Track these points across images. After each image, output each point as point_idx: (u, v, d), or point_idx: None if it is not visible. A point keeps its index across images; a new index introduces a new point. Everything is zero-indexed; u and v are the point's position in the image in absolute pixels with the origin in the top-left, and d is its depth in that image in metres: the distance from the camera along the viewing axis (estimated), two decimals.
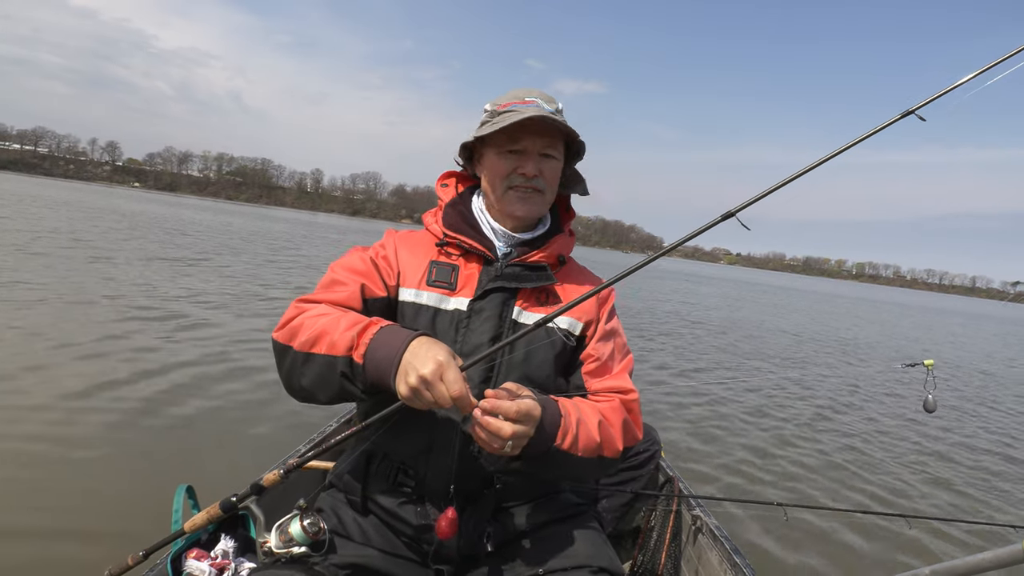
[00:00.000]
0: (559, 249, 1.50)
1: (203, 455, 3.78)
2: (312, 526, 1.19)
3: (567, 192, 1.59)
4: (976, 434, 6.86)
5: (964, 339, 22.46)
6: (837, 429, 6.20)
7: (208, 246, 18.21)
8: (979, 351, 18.13)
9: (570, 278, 1.51)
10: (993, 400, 9.57)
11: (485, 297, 1.40)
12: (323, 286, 1.40)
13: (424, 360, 1.07)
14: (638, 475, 2.60)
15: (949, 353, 16.09)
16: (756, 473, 4.65)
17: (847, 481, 4.73)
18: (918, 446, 5.95)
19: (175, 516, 1.46)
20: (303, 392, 1.29)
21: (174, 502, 1.49)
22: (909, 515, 2.13)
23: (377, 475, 1.41)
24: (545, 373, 1.39)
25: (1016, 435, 7.09)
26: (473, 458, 1.35)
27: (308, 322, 1.27)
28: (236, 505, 1.26)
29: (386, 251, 1.48)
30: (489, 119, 1.43)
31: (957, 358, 15.11)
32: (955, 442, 6.31)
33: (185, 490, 1.53)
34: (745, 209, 1.17)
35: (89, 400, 4.36)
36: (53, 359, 5.14)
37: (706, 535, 2.18)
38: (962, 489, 4.85)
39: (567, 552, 1.36)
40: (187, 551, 1.47)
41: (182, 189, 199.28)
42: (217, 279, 11.39)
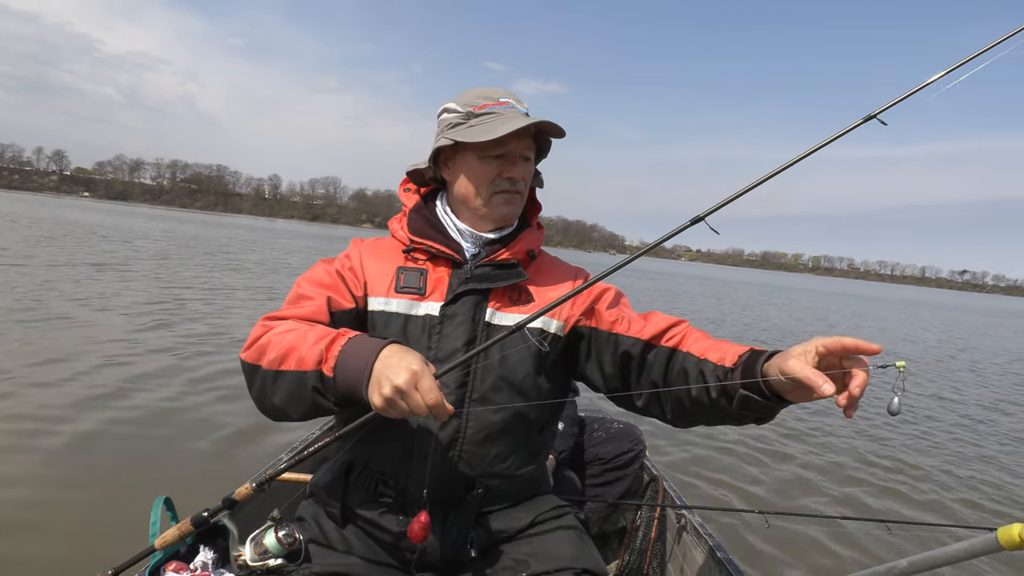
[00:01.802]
0: (528, 244, 1.48)
1: (181, 466, 3.77)
2: (287, 537, 1.18)
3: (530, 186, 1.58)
4: (942, 433, 7.00)
5: (944, 332, 22.80)
6: (814, 430, 6.26)
7: (129, 252, 17.69)
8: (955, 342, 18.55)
9: (542, 272, 1.50)
10: (956, 390, 9.78)
11: (457, 301, 1.39)
12: (289, 302, 1.38)
13: (397, 370, 1.06)
14: (623, 475, 2.64)
15: (924, 347, 16.33)
16: (733, 479, 4.67)
17: (821, 485, 4.77)
18: (888, 446, 5.98)
19: (152, 529, 1.41)
20: (276, 411, 1.27)
21: (151, 514, 1.43)
22: (890, 520, 2.18)
23: (357, 485, 1.40)
24: (523, 374, 1.38)
25: (985, 432, 7.21)
26: (453, 464, 1.35)
27: (275, 339, 1.24)
28: (208, 520, 1.24)
29: (351, 262, 1.45)
30: (463, 121, 1.40)
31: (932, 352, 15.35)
32: (926, 444, 6.36)
33: (163, 502, 1.47)
34: (713, 213, 1.19)
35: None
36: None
37: (690, 533, 2.20)
38: (936, 491, 4.89)
39: (551, 555, 1.37)
40: (165, 564, 1.42)
41: (134, 198, 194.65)
42: (118, 283, 11.18)
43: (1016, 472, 5.56)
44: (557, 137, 1.45)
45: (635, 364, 1.34)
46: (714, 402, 1.16)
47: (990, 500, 4.77)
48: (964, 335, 21.31)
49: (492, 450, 1.38)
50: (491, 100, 1.41)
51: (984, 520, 4.34)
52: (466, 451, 1.36)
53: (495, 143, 1.35)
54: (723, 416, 1.19)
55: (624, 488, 2.63)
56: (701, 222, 1.19)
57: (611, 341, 1.38)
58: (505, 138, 1.34)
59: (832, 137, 1.25)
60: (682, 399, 1.24)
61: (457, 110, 1.42)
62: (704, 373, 1.19)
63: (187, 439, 4.25)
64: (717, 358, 1.19)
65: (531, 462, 1.46)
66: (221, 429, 4.49)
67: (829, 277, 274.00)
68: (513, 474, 1.42)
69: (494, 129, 1.33)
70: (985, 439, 6.64)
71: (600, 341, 1.41)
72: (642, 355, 1.33)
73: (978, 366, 12.99)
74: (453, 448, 1.34)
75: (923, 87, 1.24)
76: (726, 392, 1.14)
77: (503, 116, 1.36)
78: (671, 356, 1.29)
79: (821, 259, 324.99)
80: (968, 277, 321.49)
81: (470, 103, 1.41)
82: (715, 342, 1.26)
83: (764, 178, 1.22)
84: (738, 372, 1.12)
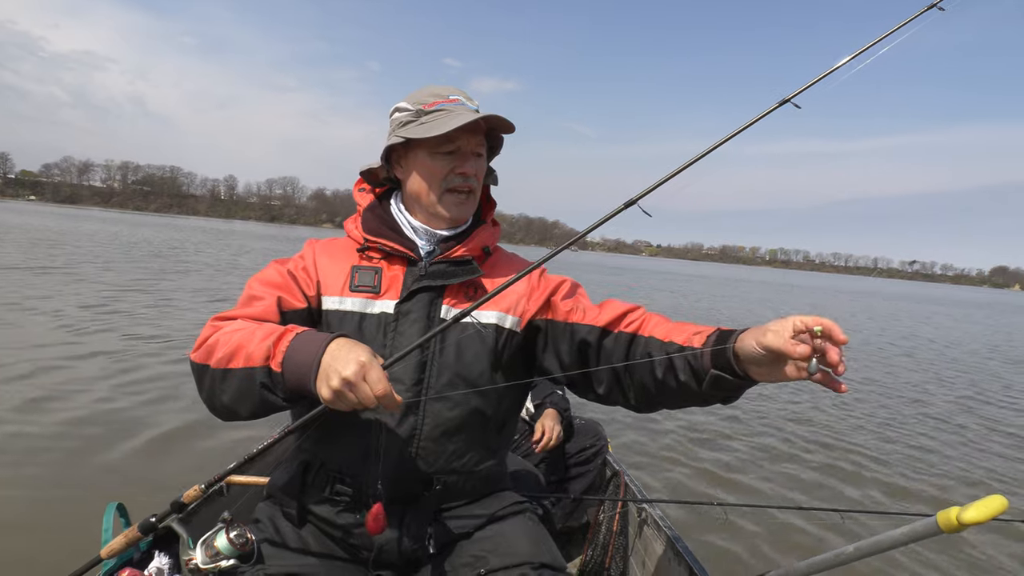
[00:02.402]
0: (483, 241, 1.49)
1: (130, 471, 3.68)
2: (239, 537, 1.17)
3: (484, 183, 1.58)
4: (885, 418, 7.30)
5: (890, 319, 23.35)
6: (759, 419, 6.37)
7: (74, 256, 17.19)
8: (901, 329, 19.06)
9: (498, 269, 1.50)
10: (892, 374, 10.07)
11: (411, 298, 1.39)
12: (241, 302, 1.37)
13: (345, 362, 1.06)
14: (586, 471, 2.68)
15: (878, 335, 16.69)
16: (694, 472, 4.74)
17: (776, 475, 4.86)
18: (838, 434, 6.12)
19: (105, 536, 1.39)
20: (225, 410, 1.26)
21: (104, 521, 1.41)
22: (842, 509, 2.24)
23: (314, 485, 1.40)
24: (479, 370, 1.39)
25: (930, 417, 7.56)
26: (411, 461, 1.35)
27: (224, 338, 1.24)
28: (156, 525, 1.22)
29: (305, 261, 1.46)
30: (414, 119, 1.40)
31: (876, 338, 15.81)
32: (871, 429, 6.63)
33: (116, 508, 1.44)
34: (646, 197, 1.23)
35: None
36: None
37: (651, 526, 2.22)
38: (885, 476, 5.02)
39: (509, 550, 1.38)
40: (119, 571, 1.40)
41: (84, 201, 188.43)
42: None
43: (955, 455, 5.77)
44: (507, 132, 1.46)
45: (593, 352, 1.35)
46: (682, 384, 1.18)
47: (932, 485, 4.93)
48: (906, 323, 21.95)
49: (449, 446, 1.38)
50: (441, 98, 1.41)
51: (945, 501, 4.48)
52: (423, 448, 1.36)
53: (446, 139, 1.37)
54: (690, 398, 1.20)
55: (587, 483, 2.67)
56: (634, 205, 1.23)
57: (567, 331, 1.39)
58: (455, 134, 1.36)
59: (750, 122, 1.28)
60: (646, 383, 1.25)
61: (408, 108, 1.43)
62: (671, 355, 1.20)
63: (134, 442, 4.19)
64: (683, 340, 1.21)
65: (490, 458, 1.46)
66: (168, 430, 4.45)
67: (785, 269, 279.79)
68: (471, 470, 1.42)
69: (443, 125, 1.34)
70: (923, 424, 6.87)
71: (557, 332, 1.42)
72: (599, 342, 1.34)
73: (915, 352, 13.45)
74: (410, 445, 1.35)
75: (833, 71, 1.29)
76: (695, 373, 1.15)
77: (453, 113, 1.37)
78: (632, 341, 1.30)
79: (778, 252, 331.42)
80: (918, 267, 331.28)
81: (420, 101, 1.42)
82: (677, 324, 1.28)
83: (689, 162, 1.25)
84: (707, 352, 1.14)
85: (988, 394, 9.02)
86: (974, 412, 7.64)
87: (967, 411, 7.69)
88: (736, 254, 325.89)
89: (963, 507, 1.10)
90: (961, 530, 1.11)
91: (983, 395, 8.90)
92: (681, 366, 1.17)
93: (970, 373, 11.04)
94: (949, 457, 5.62)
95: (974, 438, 6.38)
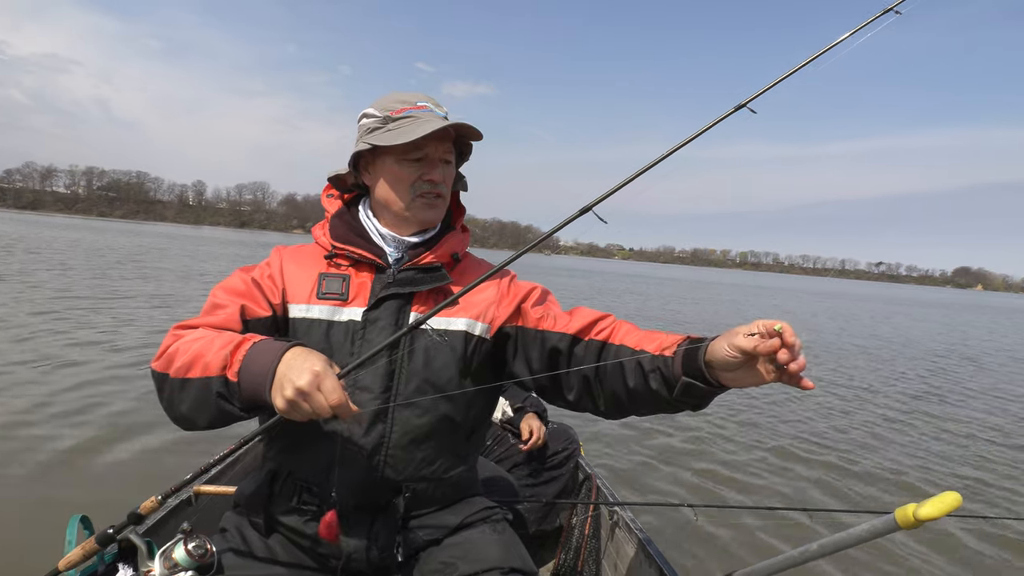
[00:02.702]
0: (452, 247, 1.50)
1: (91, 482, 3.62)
2: (198, 548, 1.16)
3: (453, 190, 1.59)
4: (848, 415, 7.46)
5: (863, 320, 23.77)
6: (726, 423, 6.47)
7: (28, 263, 16.83)
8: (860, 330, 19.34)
9: (467, 275, 1.49)
10: (854, 375, 10.17)
11: (379, 306, 1.39)
12: (204, 311, 1.36)
13: (299, 371, 1.05)
14: (558, 475, 2.68)
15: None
16: (664, 475, 4.78)
17: (745, 476, 4.93)
18: (802, 435, 6.24)
19: (68, 550, 1.35)
20: (184, 419, 1.25)
21: (67, 534, 1.37)
22: (809, 509, 2.32)
23: (281, 494, 1.39)
24: (447, 377, 1.38)
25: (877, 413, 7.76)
26: (379, 468, 1.35)
27: (183, 347, 1.23)
28: (114, 537, 1.20)
29: (271, 269, 1.44)
30: (381, 125, 1.40)
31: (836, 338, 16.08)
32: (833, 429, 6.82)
33: (79, 520, 1.41)
34: (602, 203, 1.24)
35: None
36: None
37: (623, 529, 2.24)
38: (850, 475, 5.13)
39: (479, 556, 1.37)
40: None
41: (47, 207, 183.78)
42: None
43: (910, 451, 5.92)
44: (475, 139, 1.47)
45: (564, 359, 1.35)
46: (653, 392, 1.19)
47: (891, 482, 5.07)
48: (866, 322, 22.35)
49: (418, 454, 1.38)
50: (408, 104, 1.42)
51: (918, 494, 4.60)
52: (391, 455, 1.36)
53: (413, 147, 1.37)
54: (661, 404, 1.22)
55: (560, 487, 2.68)
56: (589, 212, 1.24)
57: (538, 338, 1.40)
58: (423, 141, 1.36)
59: (706, 127, 1.30)
60: (617, 391, 1.26)
61: (375, 115, 1.43)
62: (642, 364, 1.21)
63: (96, 453, 4.13)
64: (654, 348, 1.22)
65: (459, 465, 1.46)
66: (131, 440, 4.40)
67: (756, 272, 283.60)
68: (441, 477, 1.42)
69: (411, 132, 1.35)
70: (880, 421, 7.04)
71: (527, 339, 1.42)
72: (570, 350, 1.35)
73: (869, 351, 13.73)
74: (379, 453, 1.34)
75: (788, 76, 1.31)
76: (667, 381, 1.17)
77: (420, 119, 1.37)
78: (602, 349, 1.31)
79: (748, 254, 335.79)
80: (884, 268, 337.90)
81: (388, 108, 1.42)
82: (647, 332, 1.29)
83: (643, 169, 1.27)
84: (679, 359, 1.15)
85: (940, 391, 9.29)
86: (925, 410, 7.83)
87: (921, 407, 7.90)
88: (707, 257, 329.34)
89: (919, 504, 1.13)
90: (918, 526, 1.14)
91: (936, 392, 9.14)
92: (652, 374, 1.19)
93: (922, 370, 11.33)
94: (905, 454, 5.76)
95: (930, 433, 6.57)
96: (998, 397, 9.21)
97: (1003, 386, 10.33)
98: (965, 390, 9.60)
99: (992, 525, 4.11)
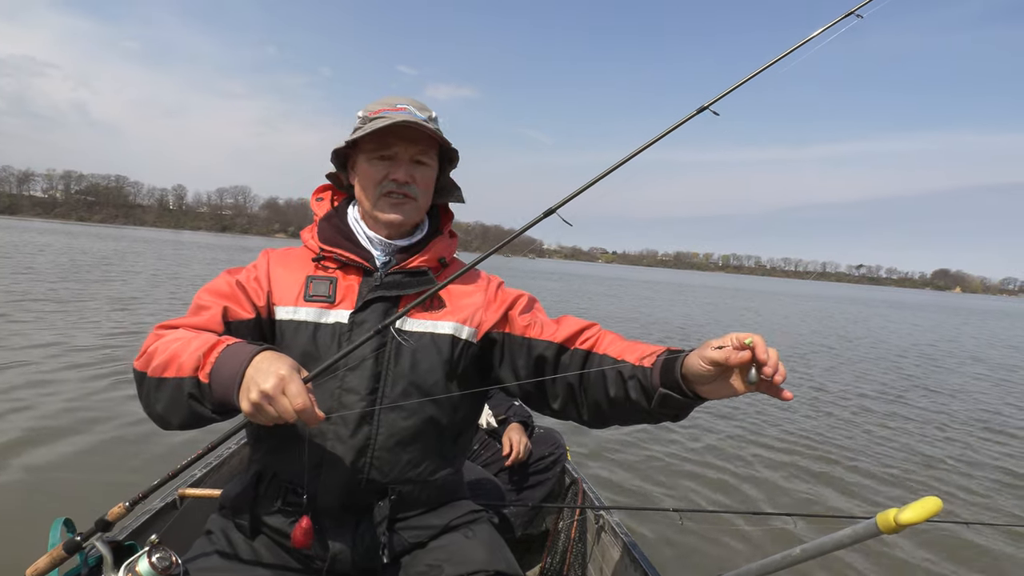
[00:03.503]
0: (439, 252, 1.51)
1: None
2: (162, 560, 1.15)
3: (443, 201, 1.60)
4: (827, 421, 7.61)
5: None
6: (710, 429, 6.46)
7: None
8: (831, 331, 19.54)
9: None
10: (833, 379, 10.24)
11: (366, 308, 1.39)
12: (189, 312, 1.37)
13: (265, 375, 1.05)
14: (545, 479, 2.68)
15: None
16: (650, 480, 4.77)
17: (731, 481, 4.96)
18: (783, 440, 6.22)
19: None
20: (159, 418, 1.26)
21: (50, 537, 1.36)
22: (792, 514, 2.31)
23: (266, 496, 1.39)
24: (433, 380, 1.39)
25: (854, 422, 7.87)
26: (365, 471, 1.35)
27: (162, 347, 1.23)
28: (81, 544, 1.20)
29: (257, 271, 1.45)
30: (360, 125, 1.43)
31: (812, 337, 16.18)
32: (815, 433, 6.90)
33: (63, 523, 1.40)
34: (566, 205, 1.26)
35: None
36: None
37: (608, 533, 2.25)
38: (833, 480, 5.15)
39: (465, 558, 1.38)
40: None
41: (24, 212, 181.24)
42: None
43: (888, 455, 6.00)
44: (445, 145, 1.47)
45: (549, 367, 1.37)
46: (633, 402, 1.21)
47: (874, 490, 5.12)
48: (836, 325, 22.55)
49: (404, 456, 1.38)
50: (388, 106, 1.44)
51: (898, 499, 4.68)
52: (377, 458, 1.36)
53: (382, 145, 1.41)
54: (641, 415, 1.24)
55: (547, 491, 2.68)
56: (553, 214, 1.26)
57: (524, 346, 1.41)
58: (390, 140, 1.39)
59: (668, 129, 1.32)
60: (599, 400, 1.28)
61: (360, 115, 1.46)
62: (622, 373, 1.23)
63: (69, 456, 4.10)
64: (635, 359, 1.23)
65: (445, 468, 1.47)
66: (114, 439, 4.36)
67: (738, 274, 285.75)
68: (426, 480, 1.43)
69: (371, 129, 1.37)
70: (863, 423, 7.12)
71: (514, 346, 1.43)
72: (556, 358, 1.36)
73: (839, 354, 13.75)
74: (364, 455, 1.35)
75: (750, 78, 1.33)
76: (645, 391, 1.18)
77: (388, 119, 1.38)
78: (586, 358, 1.33)
79: (730, 257, 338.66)
80: (864, 271, 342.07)
81: (370, 109, 1.45)
82: (630, 343, 1.31)
83: (606, 171, 1.28)
84: (657, 371, 1.17)
85: (922, 393, 9.38)
86: (905, 414, 7.91)
87: (902, 411, 7.98)
88: (690, 260, 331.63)
89: (900, 509, 1.14)
90: (899, 531, 1.15)
91: (918, 395, 9.22)
92: (632, 385, 1.21)
93: (903, 373, 11.41)
94: (884, 459, 5.79)
95: (912, 436, 6.64)
96: (983, 398, 9.30)
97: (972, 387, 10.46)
98: (949, 391, 9.67)
99: (971, 530, 4.13)
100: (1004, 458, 6.06)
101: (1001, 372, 12.67)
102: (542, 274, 53.63)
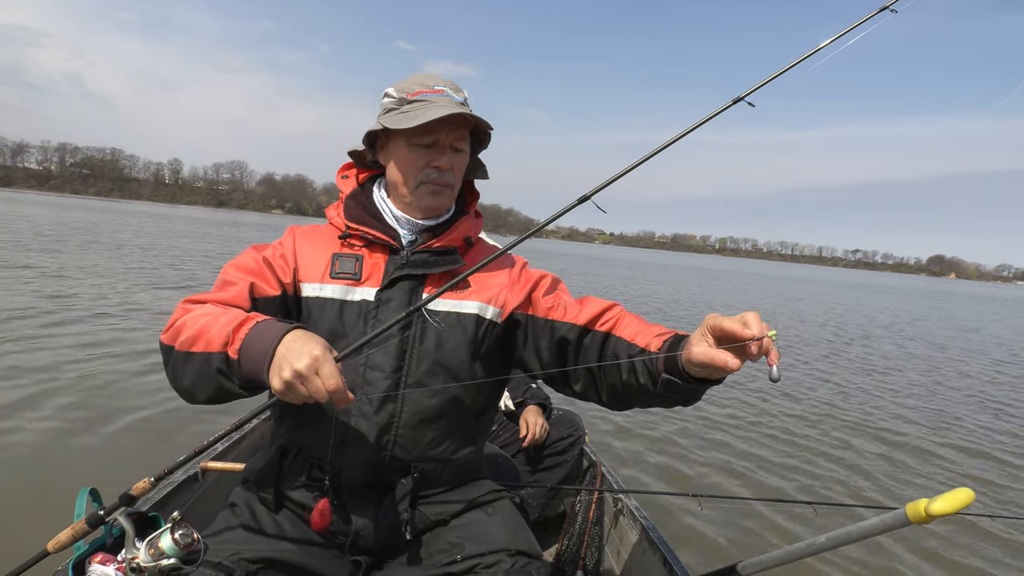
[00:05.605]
0: (465, 232, 1.50)
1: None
2: (184, 537, 1.15)
3: (469, 178, 1.59)
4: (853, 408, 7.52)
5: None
6: (745, 414, 6.29)
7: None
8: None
9: (479, 259, 1.47)
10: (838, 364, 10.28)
11: (392, 286, 1.39)
12: (215, 287, 1.37)
13: (299, 354, 1.05)
14: (562, 461, 2.69)
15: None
16: (670, 465, 4.72)
17: (750, 468, 4.86)
18: (801, 427, 6.15)
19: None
20: (185, 392, 1.26)
21: (76, 507, 1.35)
22: (815, 502, 2.27)
23: (291, 471, 1.41)
24: (459, 359, 1.39)
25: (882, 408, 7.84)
26: (389, 448, 1.36)
27: (190, 321, 1.23)
28: (104, 519, 1.20)
29: (283, 248, 1.45)
30: (396, 106, 1.40)
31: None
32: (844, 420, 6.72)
33: (88, 493, 1.38)
34: (600, 192, 1.25)
35: None
36: None
37: (627, 517, 2.24)
38: (852, 468, 5.06)
39: (485, 537, 1.39)
40: (92, 556, 1.34)
41: (18, 184, 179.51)
42: None
43: (935, 447, 5.97)
44: (485, 130, 1.47)
45: (572, 349, 1.37)
46: (642, 386, 1.21)
47: (896, 480, 5.10)
48: (823, 309, 22.55)
49: (427, 435, 1.39)
50: (426, 88, 1.41)
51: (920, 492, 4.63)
52: (401, 435, 1.37)
53: (424, 131, 1.37)
54: (652, 399, 1.23)
55: (564, 473, 2.69)
56: (588, 201, 1.25)
57: (548, 327, 1.41)
58: (434, 126, 1.36)
59: (704, 119, 1.30)
60: (615, 384, 1.28)
61: (393, 95, 1.43)
62: (632, 357, 1.23)
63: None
64: (644, 343, 1.24)
65: (467, 446, 1.47)
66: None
67: (734, 257, 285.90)
68: (449, 458, 1.43)
69: (420, 116, 1.34)
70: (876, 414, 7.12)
71: (537, 328, 1.43)
72: (579, 340, 1.36)
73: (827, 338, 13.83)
74: (388, 433, 1.36)
75: (784, 71, 1.31)
76: (652, 376, 1.18)
77: (433, 104, 1.37)
78: (605, 340, 1.33)
79: (727, 240, 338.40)
80: (861, 256, 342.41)
81: (405, 89, 1.42)
82: (646, 326, 1.31)
83: (643, 159, 1.27)
84: (661, 357, 1.17)
85: (956, 387, 9.37)
86: (938, 408, 7.90)
87: (935, 404, 7.96)
88: (687, 242, 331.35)
89: (931, 499, 1.14)
90: (929, 521, 1.15)
91: (949, 388, 9.22)
92: (641, 369, 1.21)
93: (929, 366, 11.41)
94: (914, 449, 5.70)
95: (941, 428, 6.63)
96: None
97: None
98: (981, 387, 9.43)
99: (1002, 524, 4.03)
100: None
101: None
102: (536, 253, 53.11)
